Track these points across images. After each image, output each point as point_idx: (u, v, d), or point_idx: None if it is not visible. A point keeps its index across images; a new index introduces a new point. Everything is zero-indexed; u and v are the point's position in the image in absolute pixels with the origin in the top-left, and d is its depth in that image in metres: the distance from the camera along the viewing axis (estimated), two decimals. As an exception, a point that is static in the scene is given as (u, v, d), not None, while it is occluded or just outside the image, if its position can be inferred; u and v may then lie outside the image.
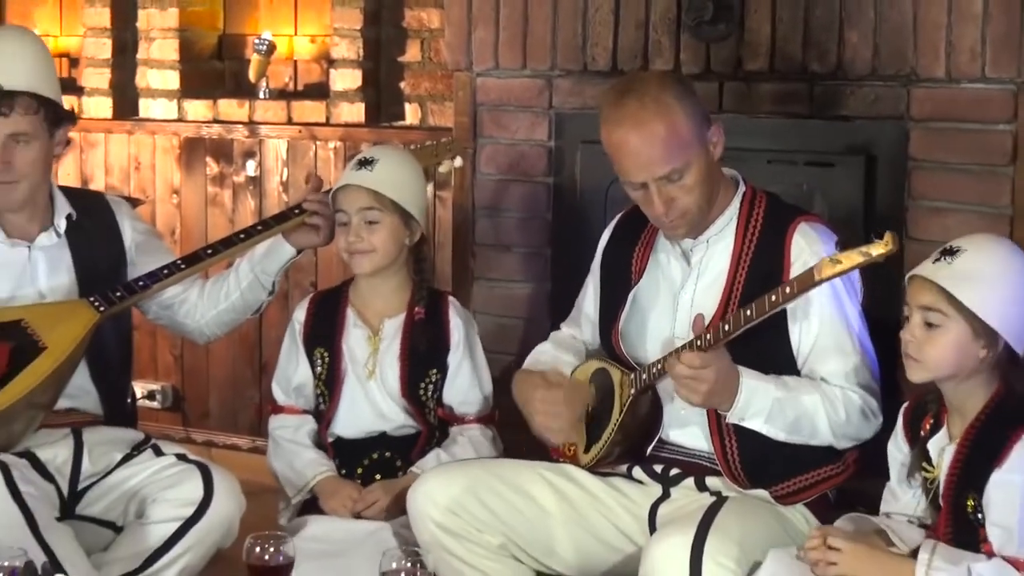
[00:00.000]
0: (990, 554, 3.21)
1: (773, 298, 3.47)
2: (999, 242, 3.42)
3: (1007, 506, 3.19)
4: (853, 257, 3.37)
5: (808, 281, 3.43)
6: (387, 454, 4.18)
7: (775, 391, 3.60)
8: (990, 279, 3.25)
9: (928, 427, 3.41)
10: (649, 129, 3.62)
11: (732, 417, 3.59)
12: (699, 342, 3.51)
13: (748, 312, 3.50)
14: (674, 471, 3.84)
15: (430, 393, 4.20)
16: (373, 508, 4.04)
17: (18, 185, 4.08)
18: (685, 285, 3.83)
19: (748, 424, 3.60)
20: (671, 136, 3.61)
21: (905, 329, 3.31)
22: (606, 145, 3.73)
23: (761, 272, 3.73)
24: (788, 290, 3.46)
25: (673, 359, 3.52)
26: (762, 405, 3.58)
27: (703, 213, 3.72)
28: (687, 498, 3.78)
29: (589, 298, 4.10)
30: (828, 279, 3.42)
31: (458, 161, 4.62)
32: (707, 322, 3.65)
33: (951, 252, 3.27)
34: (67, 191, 4.31)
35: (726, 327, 3.51)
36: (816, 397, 3.64)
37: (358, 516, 4.04)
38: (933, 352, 3.26)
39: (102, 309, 4.07)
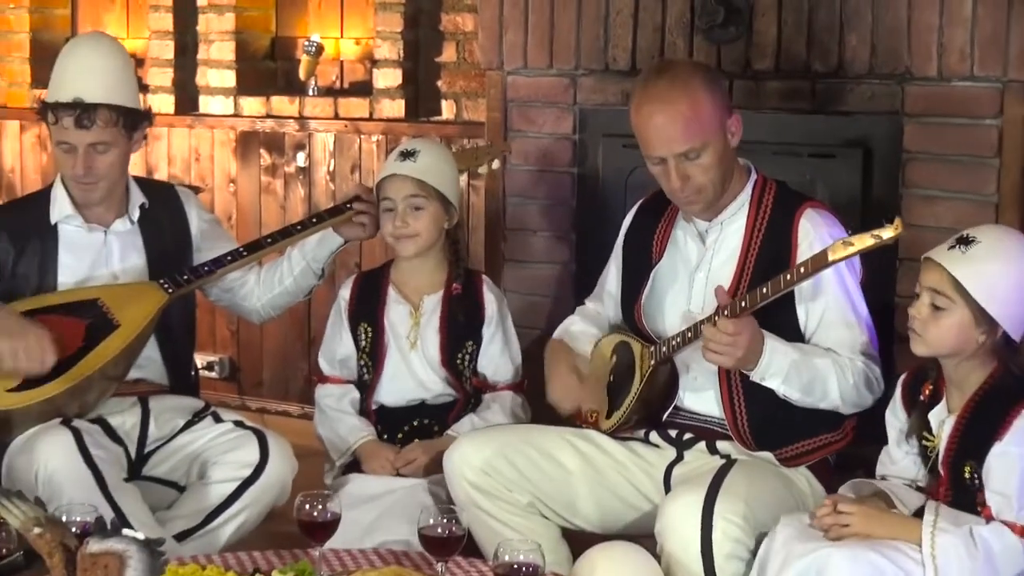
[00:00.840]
0: (989, 518, 3.21)
1: (788, 277, 3.48)
2: (1012, 236, 3.39)
3: (1006, 475, 3.20)
4: (864, 239, 3.38)
5: (822, 261, 3.43)
6: (426, 421, 4.18)
7: (793, 353, 3.60)
8: (998, 272, 3.25)
9: (928, 393, 3.41)
10: (674, 108, 3.64)
11: (755, 376, 3.58)
12: (726, 312, 3.51)
13: (764, 290, 3.49)
14: (688, 436, 3.85)
15: (467, 363, 4.20)
16: (412, 466, 4.05)
17: (98, 185, 4.10)
18: (701, 264, 3.84)
19: (768, 383, 3.60)
20: (693, 117, 3.63)
21: (914, 305, 3.31)
22: (633, 120, 3.74)
23: (770, 253, 3.73)
24: (803, 269, 3.47)
25: (709, 326, 3.52)
26: (781, 366, 3.58)
27: (716, 193, 3.73)
28: (699, 460, 3.79)
29: (612, 277, 4.10)
30: (842, 259, 3.43)
31: (496, 163, 4.64)
32: (720, 304, 3.67)
33: (967, 241, 3.26)
34: (141, 182, 4.33)
35: (743, 303, 3.51)
36: (828, 362, 3.64)
37: (397, 474, 4.05)
38: (935, 332, 3.27)
39: (171, 291, 4.09)
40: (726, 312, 3.52)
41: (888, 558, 3.18)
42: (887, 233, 3.34)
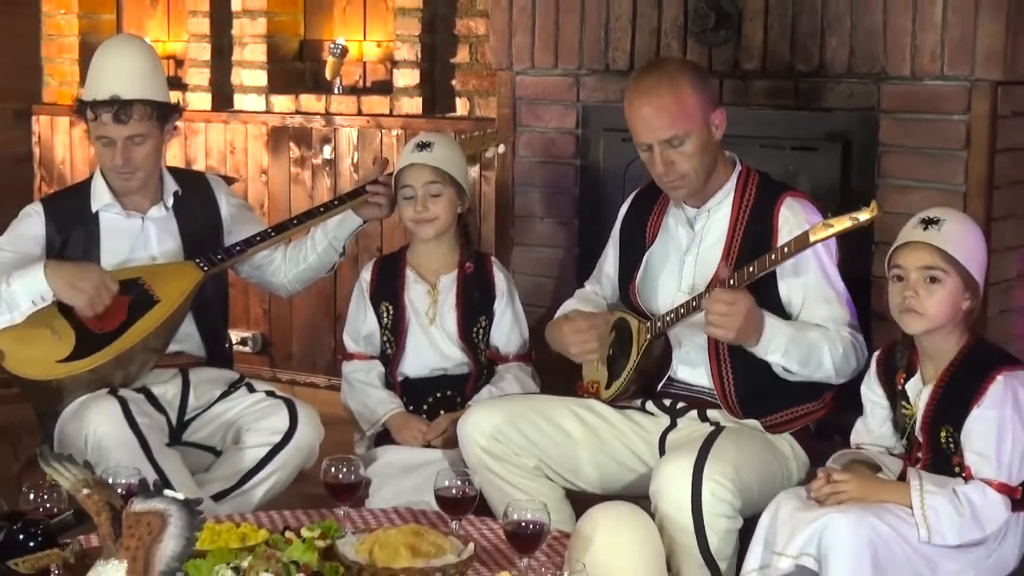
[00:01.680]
0: (968, 477, 3.22)
1: (773, 256, 3.50)
2: (959, 212, 3.51)
3: (984, 437, 3.21)
4: (843, 221, 3.40)
5: (804, 242, 3.46)
6: (448, 392, 4.18)
7: (789, 328, 3.61)
8: (968, 240, 3.31)
9: (902, 380, 3.42)
10: (659, 100, 3.67)
11: (758, 351, 3.58)
12: (731, 282, 3.53)
13: (751, 268, 3.51)
14: (680, 404, 3.85)
15: (480, 336, 4.21)
16: (443, 437, 4.04)
17: (135, 175, 4.11)
18: (690, 248, 3.84)
19: (770, 358, 3.59)
20: (677, 109, 3.65)
21: (904, 288, 3.30)
22: (625, 111, 3.77)
23: (754, 237, 3.74)
24: (786, 249, 3.49)
25: (707, 298, 3.52)
26: (781, 340, 3.58)
27: (700, 181, 3.73)
28: (691, 427, 3.79)
29: (609, 260, 4.11)
30: (823, 239, 3.45)
31: (501, 148, 4.64)
32: (708, 283, 3.68)
33: (934, 222, 3.29)
34: (174, 171, 4.34)
35: (732, 281, 3.52)
36: (819, 334, 3.64)
37: (427, 445, 4.06)
38: (934, 305, 3.27)
39: (206, 269, 4.11)
40: (732, 283, 3.54)
41: (885, 521, 3.18)
42: (863, 215, 3.37)
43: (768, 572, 3.30)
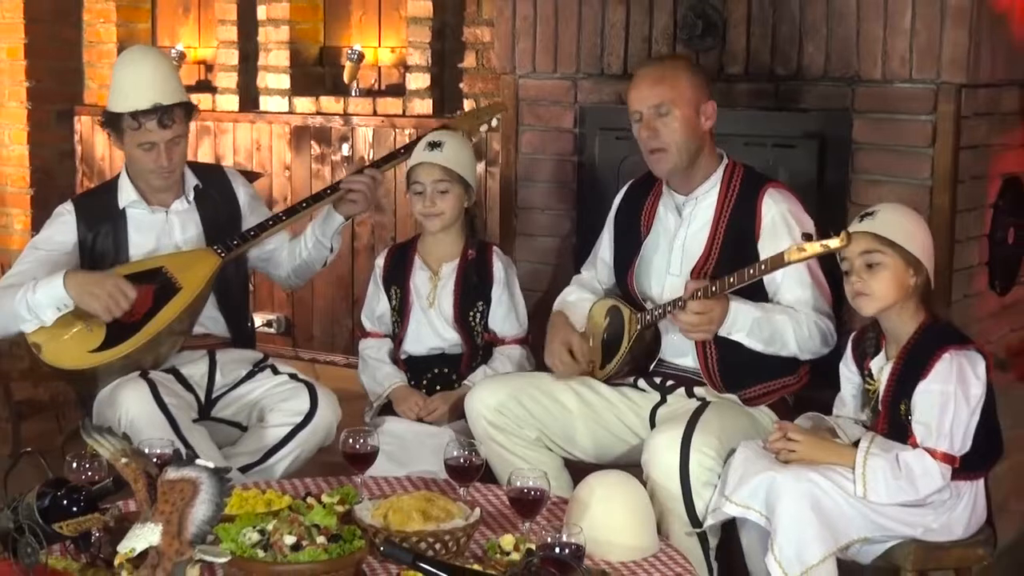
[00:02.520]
0: (914, 446, 3.25)
1: (751, 271, 3.52)
2: (897, 204, 3.55)
3: (928, 409, 3.24)
4: (815, 247, 3.41)
5: (779, 262, 3.48)
6: (445, 369, 4.19)
7: (755, 312, 3.62)
8: (902, 223, 3.35)
9: (871, 355, 3.44)
10: (655, 74, 3.78)
11: (722, 331, 3.60)
12: (699, 293, 3.54)
13: (731, 278, 3.53)
14: (670, 383, 3.86)
15: (477, 320, 4.19)
16: (435, 414, 4.06)
17: (175, 173, 4.12)
18: (678, 232, 3.85)
19: (734, 337, 3.62)
20: (668, 85, 3.73)
21: (851, 277, 3.34)
22: (628, 91, 3.84)
23: (738, 223, 3.75)
24: (763, 267, 3.52)
25: (681, 312, 3.56)
26: (745, 322, 3.60)
27: (682, 158, 3.75)
28: (679, 403, 3.80)
29: (605, 245, 4.11)
30: (796, 262, 3.47)
31: (495, 121, 4.65)
32: (693, 266, 3.72)
33: (869, 213, 3.38)
34: (193, 166, 4.30)
35: (714, 288, 3.54)
36: (785, 318, 3.66)
37: (421, 420, 4.07)
38: (879, 286, 3.31)
39: (223, 255, 4.10)
40: (699, 294, 3.54)
41: (826, 477, 3.24)
42: (833, 243, 3.37)
43: (717, 514, 3.38)
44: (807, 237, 3.44)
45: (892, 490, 3.23)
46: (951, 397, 3.22)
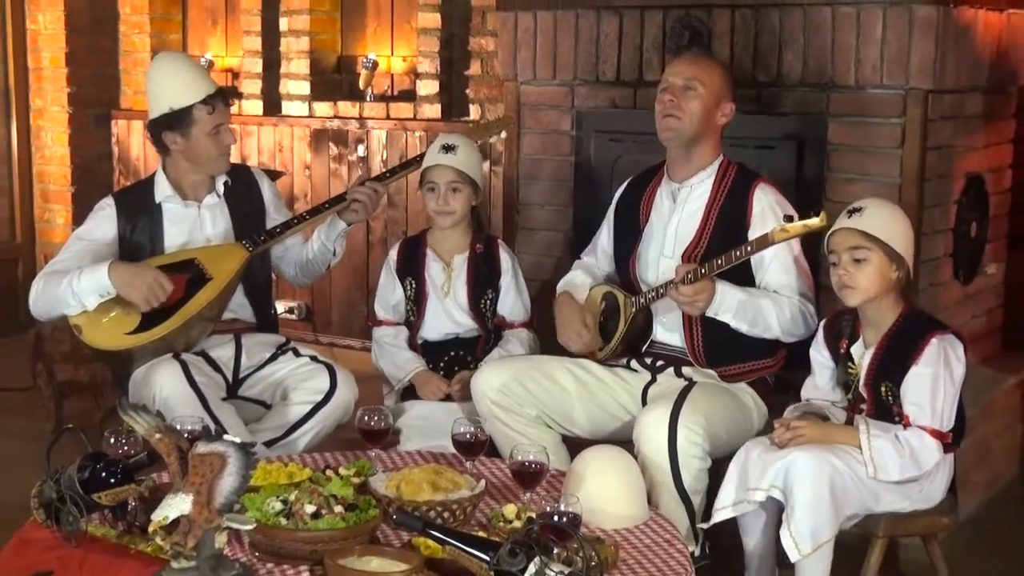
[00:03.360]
0: (907, 425, 3.25)
1: (739, 252, 3.52)
2: (885, 200, 3.54)
3: (921, 390, 3.25)
4: (797, 227, 3.43)
5: (765, 242, 3.49)
6: (461, 352, 4.18)
7: (740, 295, 3.62)
8: (888, 221, 3.34)
9: (845, 346, 3.44)
10: (694, 58, 3.92)
11: (710, 312, 3.61)
12: (690, 277, 3.54)
13: (720, 260, 3.53)
14: (660, 363, 3.86)
15: (488, 306, 4.20)
16: (460, 392, 4.05)
17: (228, 157, 4.14)
18: (672, 217, 3.85)
19: (721, 318, 3.62)
20: (703, 69, 3.79)
21: (837, 269, 3.34)
22: (666, 69, 3.91)
23: (730, 212, 3.77)
24: (750, 247, 3.52)
25: (673, 290, 3.56)
26: (731, 304, 3.60)
27: (688, 133, 3.77)
28: (669, 382, 3.80)
29: (604, 236, 4.11)
30: (781, 241, 3.48)
31: (503, 133, 4.67)
32: (685, 249, 3.73)
33: (857, 210, 3.35)
34: None
35: (703, 270, 3.54)
36: (769, 302, 3.66)
37: (446, 398, 4.06)
38: (863, 279, 3.30)
39: (250, 249, 4.09)
40: (689, 277, 3.54)
41: (840, 458, 3.22)
42: (814, 222, 3.39)
43: (741, 507, 3.33)
44: (788, 219, 3.46)
45: (900, 468, 3.22)
46: (940, 379, 3.23)
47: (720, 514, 3.37)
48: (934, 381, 3.23)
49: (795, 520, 3.16)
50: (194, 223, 4.15)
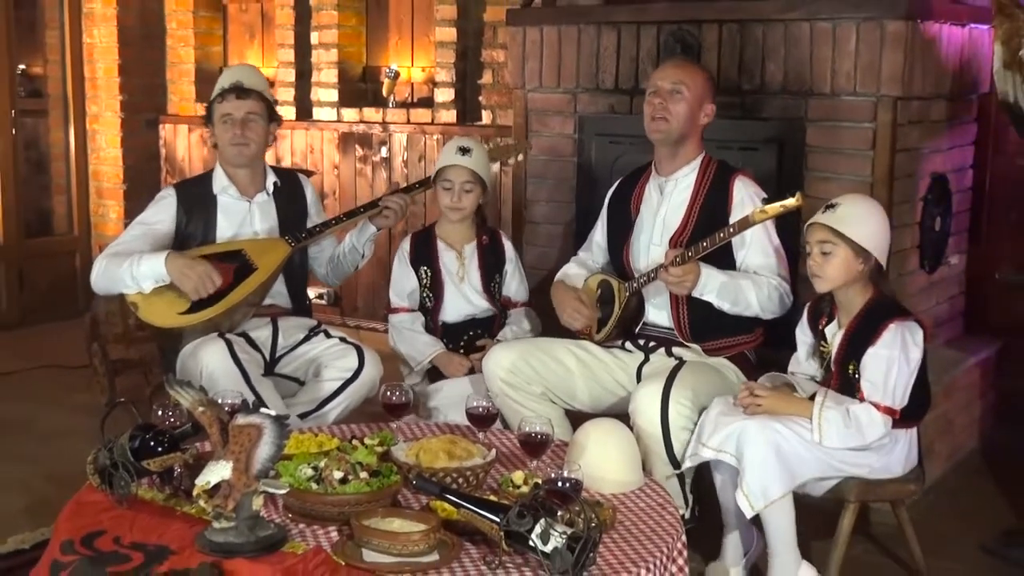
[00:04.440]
0: (862, 400, 3.25)
1: (722, 234, 3.52)
2: (864, 197, 3.49)
3: (875, 369, 3.24)
4: (775, 208, 3.43)
5: (746, 223, 3.50)
6: (478, 331, 4.18)
7: (722, 277, 3.62)
8: (858, 217, 3.30)
9: (824, 322, 3.43)
10: (679, 63, 3.88)
11: (695, 292, 3.61)
12: (678, 259, 3.54)
13: (705, 243, 3.53)
14: (652, 344, 3.86)
15: (496, 289, 4.22)
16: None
17: (249, 147, 4.09)
18: (659, 208, 3.85)
19: (706, 297, 3.62)
20: (686, 74, 3.77)
21: (809, 259, 3.34)
22: (653, 73, 3.88)
23: (712, 203, 3.76)
24: (732, 229, 3.52)
25: (664, 272, 3.57)
26: (714, 285, 3.60)
27: (675, 132, 3.76)
28: (661, 361, 3.80)
29: (599, 231, 4.10)
30: (759, 222, 3.49)
31: (520, 156, 4.67)
32: (671, 236, 3.73)
33: (832, 206, 3.33)
34: (274, 168, 4.30)
35: (689, 253, 3.54)
36: (749, 282, 3.66)
37: (470, 372, 4.06)
38: (830, 270, 3.29)
39: (293, 244, 4.10)
40: (677, 260, 3.53)
41: (787, 426, 3.24)
42: (790, 202, 3.40)
43: (695, 458, 3.37)
44: (767, 200, 3.47)
45: (843, 437, 3.22)
46: (895, 361, 3.22)
47: (685, 461, 3.42)
48: (888, 362, 3.22)
49: (746, 480, 3.19)
50: (244, 217, 4.14)
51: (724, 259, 3.67)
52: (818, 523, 3.51)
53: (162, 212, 4.10)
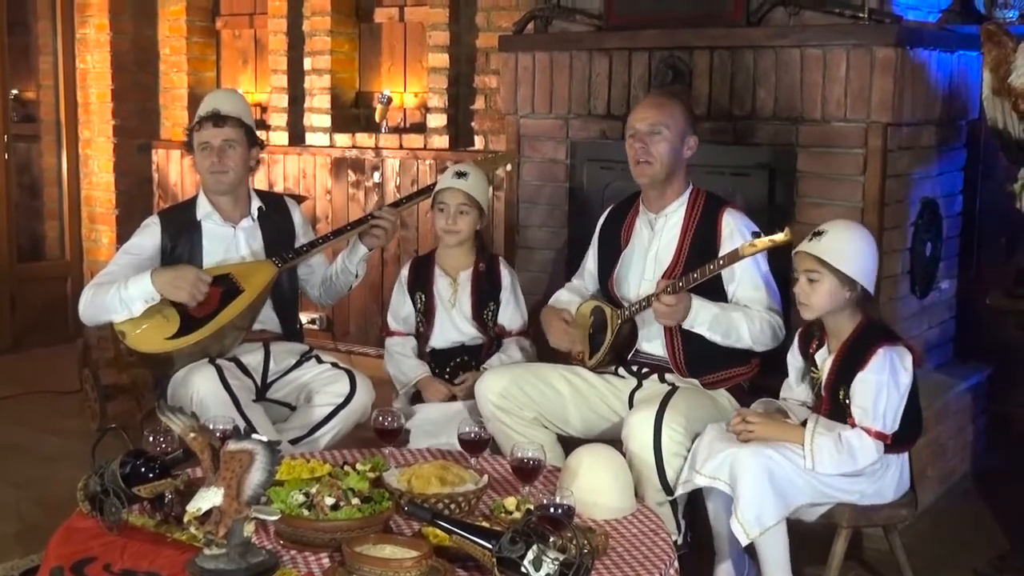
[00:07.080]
0: (853, 425, 3.24)
1: (711, 267, 3.51)
2: (848, 223, 3.47)
3: (865, 394, 3.23)
4: (764, 242, 3.42)
5: (735, 256, 3.48)
6: (466, 358, 4.17)
7: (714, 309, 3.61)
8: (844, 246, 3.30)
9: (815, 347, 3.42)
10: (655, 102, 3.79)
11: (686, 324, 3.60)
12: (669, 289, 3.53)
13: (695, 274, 3.53)
14: (645, 370, 3.85)
15: (490, 317, 4.19)
16: (464, 387, 4.05)
17: (227, 175, 4.08)
18: (651, 244, 3.84)
19: (696, 330, 3.61)
20: (666, 112, 3.73)
21: (796, 286, 3.34)
22: (630, 114, 3.83)
23: (702, 238, 3.75)
24: (722, 262, 3.51)
25: (656, 301, 3.55)
26: (705, 317, 3.60)
27: (662, 172, 3.74)
28: (653, 387, 3.79)
29: (590, 259, 4.09)
30: (750, 255, 3.48)
31: (508, 167, 4.67)
32: (664, 271, 3.71)
33: (819, 233, 3.33)
34: (259, 192, 4.30)
35: (680, 284, 3.54)
36: (740, 315, 3.65)
37: (452, 398, 4.05)
38: (816, 298, 3.29)
39: (279, 265, 4.09)
40: (668, 289, 3.54)
41: (780, 452, 3.23)
42: (779, 237, 3.39)
43: (688, 484, 3.36)
44: (756, 234, 3.47)
45: (836, 462, 3.22)
46: (884, 385, 3.21)
47: (678, 488, 3.40)
48: (878, 387, 3.21)
49: (740, 508, 3.18)
50: (230, 242, 4.14)
51: (715, 293, 3.67)
52: (811, 549, 3.50)
53: (147, 240, 4.10)
